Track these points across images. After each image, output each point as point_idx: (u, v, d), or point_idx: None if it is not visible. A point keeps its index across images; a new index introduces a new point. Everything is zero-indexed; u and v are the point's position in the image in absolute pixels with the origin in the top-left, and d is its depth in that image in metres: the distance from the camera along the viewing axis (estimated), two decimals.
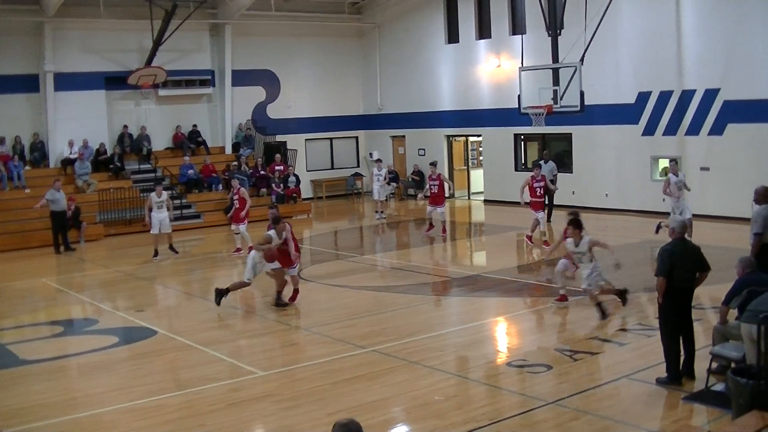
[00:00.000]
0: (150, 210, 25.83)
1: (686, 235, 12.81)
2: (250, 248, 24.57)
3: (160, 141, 36.41)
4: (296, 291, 18.65)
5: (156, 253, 25.69)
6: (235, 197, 25.67)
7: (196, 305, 19.91)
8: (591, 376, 13.02)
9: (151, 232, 25.96)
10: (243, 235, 25.39)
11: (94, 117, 34.49)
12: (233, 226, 26.00)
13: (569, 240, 16.87)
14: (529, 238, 25.05)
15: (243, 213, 25.26)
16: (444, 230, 27.54)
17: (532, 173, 25.24)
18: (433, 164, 28.57)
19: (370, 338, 15.43)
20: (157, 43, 33.61)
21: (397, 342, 15.10)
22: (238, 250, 25.63)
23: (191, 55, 36.71)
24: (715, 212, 27.40)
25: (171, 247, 26.22)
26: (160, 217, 25.75)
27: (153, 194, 26.07)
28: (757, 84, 26.99)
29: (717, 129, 28.25)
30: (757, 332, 9.50)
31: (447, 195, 29.37)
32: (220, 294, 18.38)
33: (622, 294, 17.16)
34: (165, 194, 26.45)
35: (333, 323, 16.69)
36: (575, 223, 16.78)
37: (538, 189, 24.74)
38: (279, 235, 17.82)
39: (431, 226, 27.49)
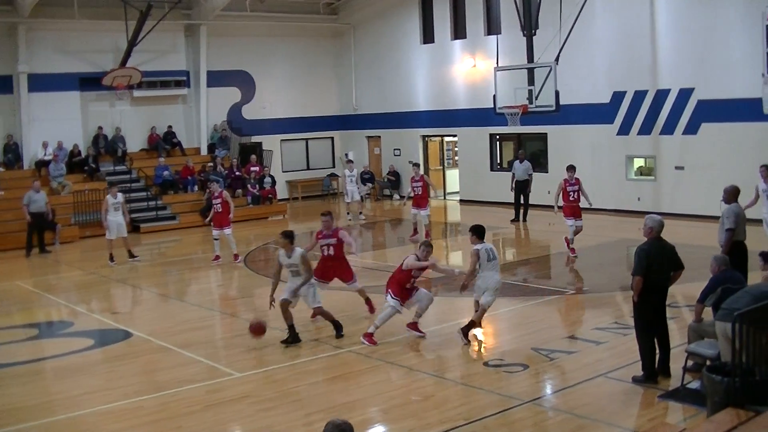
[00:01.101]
0: (106, 212, 24.92)
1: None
2: (236, 256, 24.50)
3: (135, 142, 36.23)
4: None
5: (112, 258, 24.88)
6: (217, 201, 24.28)
7: (172, 307, 19.85)
8: (567, 375, 13.07)
9: (107, 236, 24.98)
10: (229, 240, 24.36)
11: (68, 118, 34.27)
12: (215, 232, 24.44)
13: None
14: (569, 245, 23.14)
15: (230, 217, 24.28)
16: (427, 234, 26.48)
17: (565, 176, 23.36)
18: (416, 165, 28.22)
19: (347, 339, 15.41)
20: (132, 43, 33.44)
21: None
22: (217, 257, 24.49)
23: (166, 56, 36.55)
24: (689, 211, 27.54)
25: (130, 253, 25.41)
26: (117, 221, 24.84)
27: (108, 196, 25.13)
28: (731, 84, 27.14)
29: (691, 128, 28.41)
30: (732, 330, 9.55)
31: (431, 196, 28.87)
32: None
33: None
34: (120, 196, 25.41)
35: (309, 324, 16.66)
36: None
37: (572, 193, 23.13)
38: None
39: (416, 231, 26.98)
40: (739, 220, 15.36)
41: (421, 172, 27.80)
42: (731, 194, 15.73)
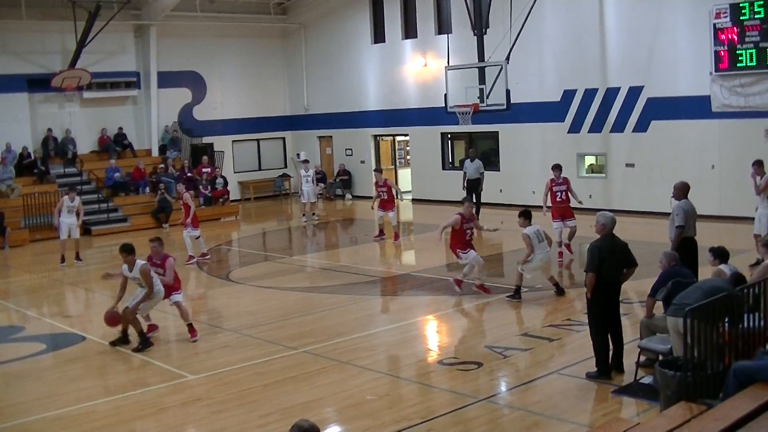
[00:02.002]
0: (59, 213, 24.79)
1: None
2: (203, 255, 24.35)
3: (86, 144, 35.87)
4: None
5: (63, 259, 24.81)
6: (180, 202, 24.31)
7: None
8: (521, 373, 13.12)
9: (60, 237, 24.92)
10: (196, 242, 24.26)
11: (16, 120, 33.78)
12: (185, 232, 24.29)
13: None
14: (567, 246, 22.57)
15: (188, 219, 24.03)
16: (396, 236, 26.52)
17: (552, 176, 22.49)
18: (378, 171, 28.16)
19: (300, 339, 15.38)
20: (81, 44, 33.12)
21: (327, 342, 15.08)
22: (191, 258, 24.17)
23: (116, 56, 36.22)
24: (639, 208, 27.79)
25: (77, 256, 25.21)
26: (70, 222, 24.76)
27: (65, 198, 25.04)
28: (680, 81, 27.42)
29: (641, 126, 28.64)
30: (683, 325, 9.62)
31: (397, 198, 28.63)
32: None
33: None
34: (78, 199, 25.30)
35: (262, 325, 16.61)
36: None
37: (560, 194, 22.29)
38: None
39: (381, 232, 26.75)
40: (689, 216, 15.49)
41: (384, 176, 27.64)
42: (681, 191, 15.87)
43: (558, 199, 22.26)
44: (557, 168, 22.58)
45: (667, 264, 12.61)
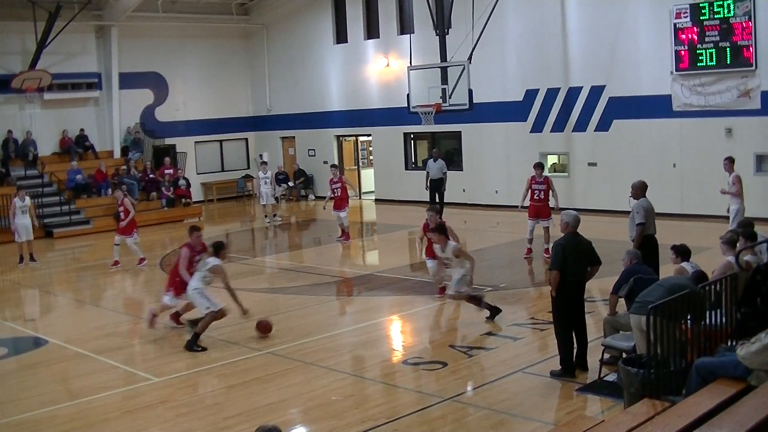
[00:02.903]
0: (14, 216, 24.61)
1: None
2: (141, 260, 24.16)
3: (47, 146, 35.53)
4: None
5: (21, 259, 24.77)
6: (120, 209, 23.91)
7: (87, 313, 19.54)
8: (486, 372, 13.15)
9: (16, 240, 24.77)
10: (131, 247, 23.96)
11: None
12: (117, 238, 23.97)
13: (436, 246, 16.81)
14: (547, 251, 21.13)
15: (124, 223, 23.68)
16: (347, 236, 26.55)
17: (533, 174, 22.33)
18: (334, 167, 28.14)
19: (265, 341, 15.34)
20: (41, 45, 32.86)
21: (291, 343, 15.06)
22: (116, 263, 23.92)
23: (77, 57, 35.94)
24: (601, 206, 27.93)
25: (31, 257, 25.08)
26: (25, 223, 24.60)
27: (16, 199, 24.81)
28: (641, 81, 27.63)
29: (603, 125, 28.82)
30: (646, 323, 9.69)
31: (351, 197, 28.45)
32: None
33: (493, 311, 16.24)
34: (27, 199, 25.17)
35: (226, 326, 16.51)
36: (441, 229, 16.46)
37: (538, 192, 22.11)
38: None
39: (343, 232, 26.73)
40: (648, 214, 15.64)
41: (340, 173, 27.53)
42: (639, 189, 16.05)
43: (535, 197, 22.07)
44: (539, 166, 22.48)
45: (629, 262, 12.72)
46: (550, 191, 22.10)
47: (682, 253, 12.87)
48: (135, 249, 24.05)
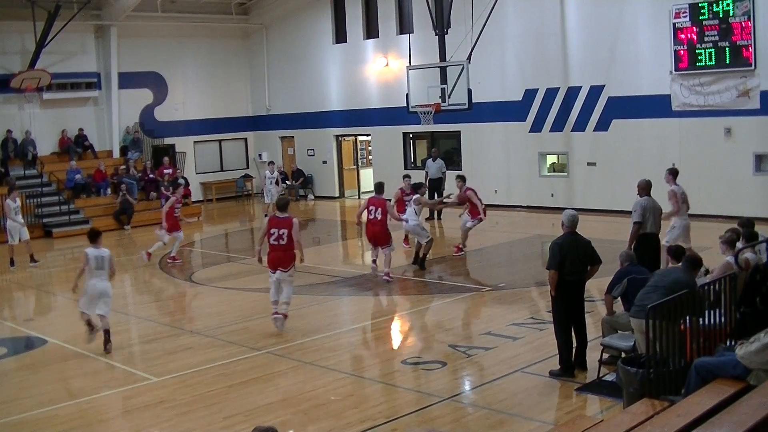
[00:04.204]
0: (5, 218, 24.42)
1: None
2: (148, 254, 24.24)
3: (46, 145, 35.49)
4: None
5: (12, 262, 24.34)
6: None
7: None
8: (485, 371, 13.13)
9: (9, 242, 24.36)
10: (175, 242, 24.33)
11: None
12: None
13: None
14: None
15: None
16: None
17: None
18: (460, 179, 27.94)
19: (264, 340, 15.33)
20: (41, 45, 32.84)
21: (291, 343, 15.04)
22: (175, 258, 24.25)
23: (76, 57, 35.90)
24: (601, 206, 27.93)
25: (31, 258, 24.81)
26: (18, 224, 24.20)
27: (8, 200, 24.41)
28: (640, 80, 27.62)
29: (602, 125, 28.82)
30: (646, 325, 9.70)
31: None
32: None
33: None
34: (18, 200, 24.77)
35: (226, 326, 16.55)
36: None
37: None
38: None
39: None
40: (647, 212, 15.73)
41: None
42: (642, 188, 16.16)
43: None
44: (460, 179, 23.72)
45: (621, 263, 12.79)
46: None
47: (677, 255, 12.84)
48: (175, 245, 24.28)
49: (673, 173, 17.53)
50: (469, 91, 27.26)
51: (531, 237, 25.37)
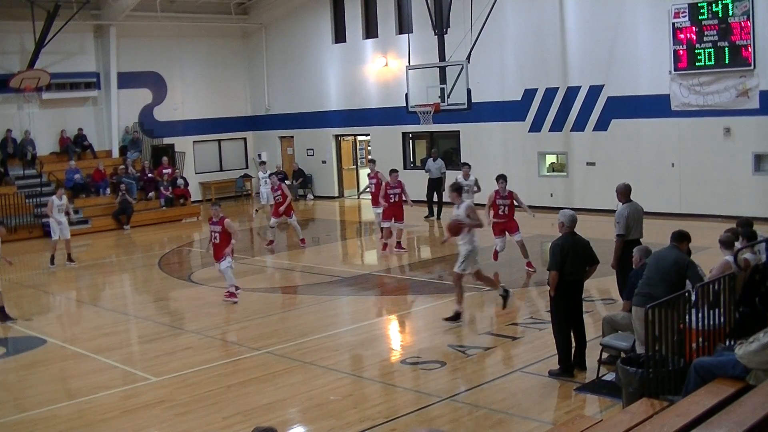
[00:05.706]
0: (52, 214, 24.40)
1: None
2: (302, 241, 25.56)
3: (45, 145, 35.49)
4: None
5: (52, 260, 24.47)
6: (277, 193, 25.77)
7: (86, 312, 19.55)
8: (484, 371, 13.14)
9: (51, 237, 24.61)
10: (295, 228, 26.52)
11: None
12: (273, 221, 26.32)
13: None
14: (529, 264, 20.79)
15: (282, 208, 25.53)
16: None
17: (496, 188, 21.12)
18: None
19: (263, 340, 15.33)
20: (40, 45, 32.83)
21: (290, 343, 15.05)
22: (271, 242, 26.18)
23: (75, 57, 35.90)
24: (600, 206, 27.86)
25: (69, 257, 24.86)
26: (62, 222, 24.46)
27: (54, 197, 24.71)
28: (639, 80, 27.62)
29: (602, 125, 28.82)
30: (645, 317, 9.67)
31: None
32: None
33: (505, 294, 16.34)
34: (65, 198, 25.16)
35: (225, 326, 16.56)
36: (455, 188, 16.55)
37: (503, 207, 20.92)
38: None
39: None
40: (630, 221, 14.88)
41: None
42: (622, 194, 15.19)
43: (500, 213, 20.85)
44: (502, 178, 21.39)
45: (638, 259, 12.48)
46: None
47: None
48: (297, 230, 26.48)
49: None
50: (469, 91, 27.26)
51: (530, 237, 25.33)
